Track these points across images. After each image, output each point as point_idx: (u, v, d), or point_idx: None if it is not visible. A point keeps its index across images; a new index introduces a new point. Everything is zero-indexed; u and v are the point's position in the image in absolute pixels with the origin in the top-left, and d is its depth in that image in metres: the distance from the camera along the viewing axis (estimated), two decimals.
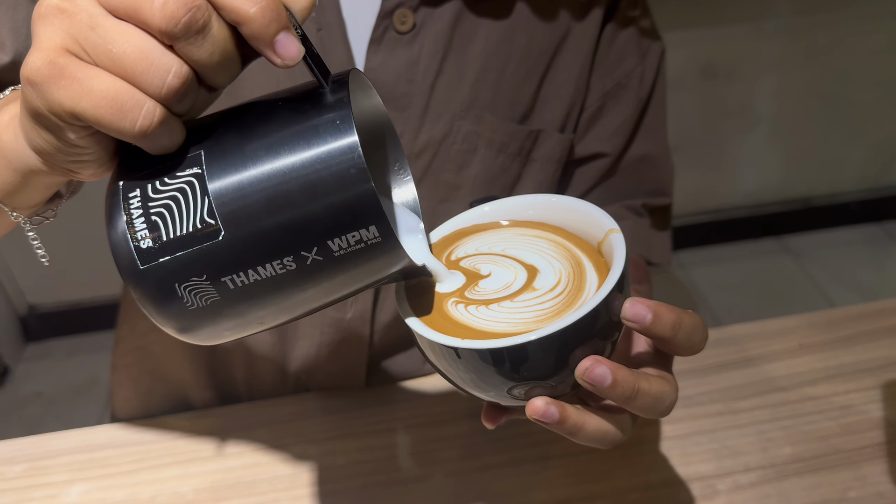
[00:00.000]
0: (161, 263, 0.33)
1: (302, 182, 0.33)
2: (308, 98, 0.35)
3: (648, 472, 0.65)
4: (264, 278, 0.34)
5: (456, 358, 0.38)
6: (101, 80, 0.32)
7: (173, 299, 0.34)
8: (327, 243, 0.34)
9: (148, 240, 0.33)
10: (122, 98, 0.31)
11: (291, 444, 0.69)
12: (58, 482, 0.67)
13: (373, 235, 0.34)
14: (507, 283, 0.42)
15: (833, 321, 0.79)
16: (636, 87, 0.73)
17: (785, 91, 2.02)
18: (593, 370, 0.38)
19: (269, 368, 0.74)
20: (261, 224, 0.33)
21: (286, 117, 0.34)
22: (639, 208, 0.77)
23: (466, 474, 0.66)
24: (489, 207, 0.47)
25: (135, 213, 0.34)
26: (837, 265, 2.16)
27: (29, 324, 2.07)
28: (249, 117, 0.35)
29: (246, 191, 0.33)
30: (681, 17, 1.84)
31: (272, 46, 0.32)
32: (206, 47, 0.32)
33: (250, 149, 0.33)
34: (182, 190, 0.33)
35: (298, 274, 0.34)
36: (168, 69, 0.32)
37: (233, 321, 0.36)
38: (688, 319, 0.42)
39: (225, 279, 0.34)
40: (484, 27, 0.65)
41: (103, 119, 0.32)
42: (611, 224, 0.43)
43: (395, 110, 0.65)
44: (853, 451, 0.66)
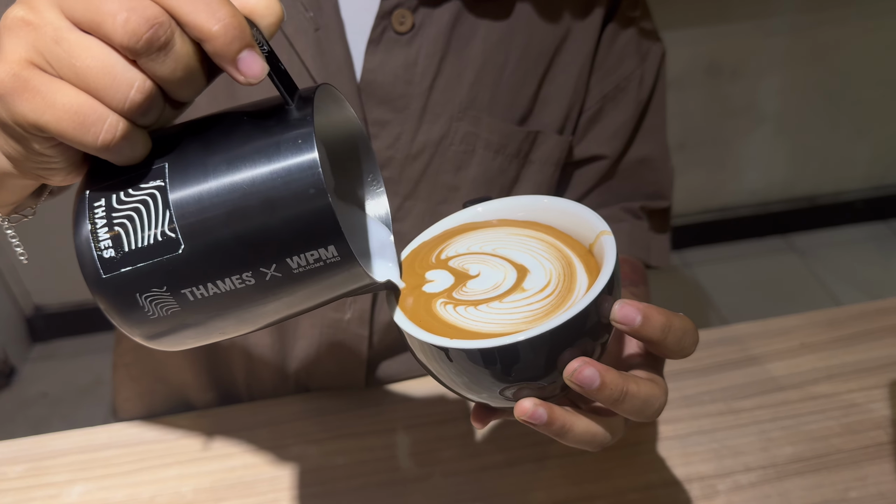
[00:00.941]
0: (123, 273, 0.34)
1: (261, 199, 0.33)
2: (273, 114, 0.35)
3: (648, 471, 0.65)
4: (223, 292, 0.34)
5: (446, 359, 0.38)
6: (65, 93, 0.32)
7: (135, 308, 0.35)
8: (286, 261, 0.34)
9: (110, 250, 0.34)
10: (85, 112, 0.32)
11: (291, 444, 0.69)
12: (59, 482, 0.67)
13: (332, 255, 0.34)
14: (496, 283, 0.42)
15: (835, 320, 0.78)
16: (636, 90, 0.72)
17: (790, 89, 2.02)
18: (581, 372, 0.38)
19: (269, 369, 0.74)
20: (220, 239, 0.33)
21: (249, 133, 0.34)
22: (637, 211, 0.76)
23: (466, 474, 0.65)
24: (482, 208, 0.47)
25: (99, 223, 0.34)
26: (843, 263, 2.15)
27: (35, 324, 2.08)
28: (215, 131, 0.35)
29: (206, 205, 0.33)
30: (685, 15, 1.83)
31: (235, 64, 0.32)
32: (169, 63, 0.32)
33: (212, 163, 0.34)
34: (144, 202, 0.34)
35: (257, 289, 0.35)
36: (131, 84, 0.32)
37: (194, 330, 0.37)
38: (678, 322, 0.42)
39: (185, 291, 0.34)
40: (483, 28, 0.65)
41: (66, 132, 0.32)
42: (602, 226, 0.42)
43: (392, 111, 0.65)
44: (855, 450, 0.66)
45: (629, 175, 0.76)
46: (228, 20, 0.32)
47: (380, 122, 0.65)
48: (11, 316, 2.02)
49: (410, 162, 0.66)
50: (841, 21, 1.92)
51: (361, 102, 0.64)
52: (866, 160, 2.21)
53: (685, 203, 2.19)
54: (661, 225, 0.79)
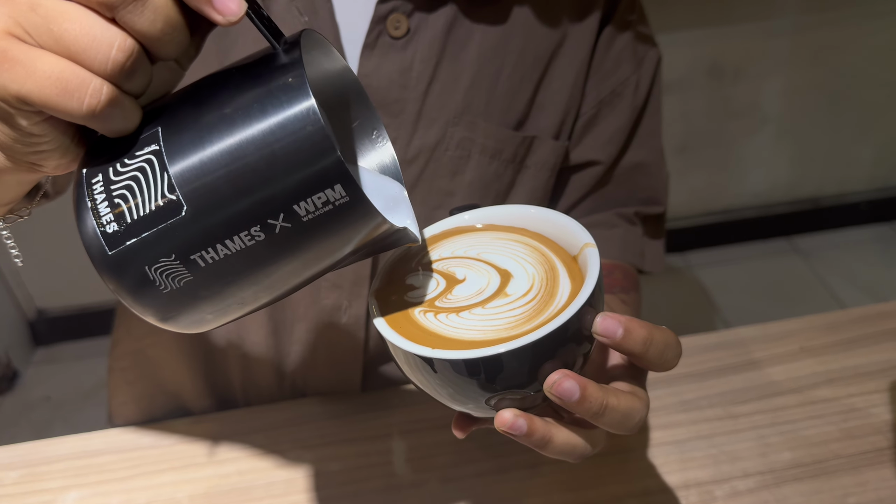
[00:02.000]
0: (129, 247, 0.33)
1: (259, 147, 0.32)
2: (261, 62, 0.34)
3: (645, 477, 0.65)
4: (234, 252, 0.33)
5: (430, 369, 0.38)
6: (45, 60, 0.31)
7: (146, 284, 0.33)
8: (293, 208, 0.32)
9: (113, 224, 0.33)
10: (67, 77, 0.31)
11: (287, 449, 0.69)
12: (54, 488, 0.67)
13: (339, 195, 0.32)
14: (479, 288, 0.42)
15: (835, 324, 0.78)
16: (631, 95, 0.72)
17: (793, 90, 2.01)
18: (561, 384, 0.38)
19: (265, 373, 0.74)
20: (222, 195, 0.32)
21: (239, 84, 0.34)
22: (631, 216, 0.76)
23: (461, 480, 0.65)
24: (468, 215, 0.47)
25: (98, 199, 0.33)
26: (847, 265, 2.14)
27: (38, 328, 2.08)
28: (205, 89, 0.34)
29: (204, 162, 0.32)
30: (687, 16, 1.83)
31: (210, 3, 0.32)
32: (147, 14, 0.31)
33: (206, 120, 0.33)
34: (142, 169, 0.33)
35: (269, 244, 0.33)
36: (111, 43, 0.31)
37: (211, 303, 0.35)
38: (659, 336, 0.41)
39: (194, 257, 0.33)
40: (478, 33, 0.65)
41: (50, 100, 0.31)
42: (587, 238, 0.42)
43: (388, 116, 0.65)
44: (854, 456, 0.65)
45: (624, 180, 0.75)
46: None
47: None
48: (14, 320, 2.03)
49: (406, 167, 0.66)
50: (844, 22, 1.91)
51: None
52: (870, 162, 2.20)
53: (688, 205, 2.19)
54: (655, 231, 0.78)
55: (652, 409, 0.70)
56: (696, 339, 0.78)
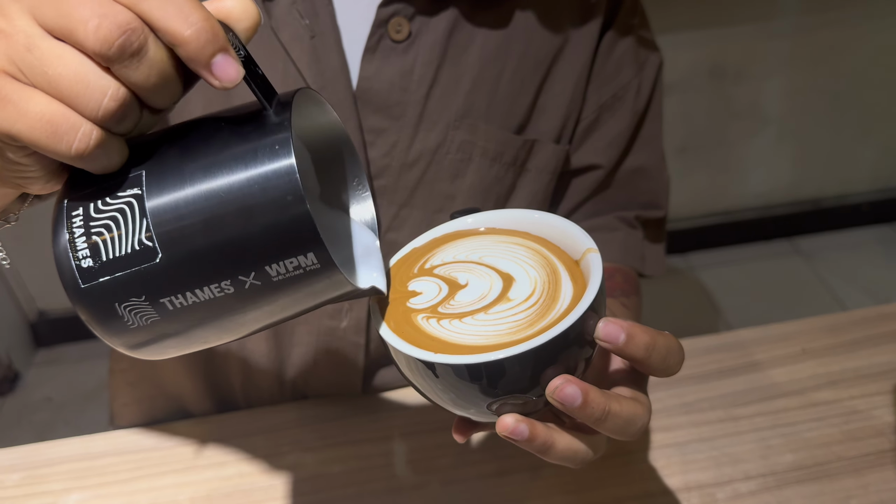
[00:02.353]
0: (101, 283, 0.34)
1: (238, 206, 0.33)
2: (251, 120, 0.34)
3: (646, 480, 0.65)
4: (203, 301, 0.34)
5: (432, 374, 0.38)
6: (37, 102, 0.31)
7: (114, 318, 0.34)
8: (265, 269, 0.33)
9: (88, 259, 0.33)
10: (58, 121, 0.31)
11: (288, 452, 0.69)
12: (56, 490, 0.67)
13: (311, 262, 0.33)
14: (482, 293, 0.42)
15: (836, 325, 0.78)
16: (632, 100, 0.72)
17: (794, 91, 2.01)
18: (563, 389, 0.38)
19: (266, 376, 0.74)
20: (197, 247, 0.33)
21: (226, 139, 0.34)
22: (632, 220, 0.76)
23: (462, 482, 0.65)
24: (471, 219, 0.47)
25: (77, 233, 0.34)
26: (849, 267, 2.14)
27: (39, 329, 2.08)
28: (192, 137, 0.35)
29: (182, 213, 0.33)
30: (688, 17, 1.83)
31: (209, 69, 0.32)
32: (143, 70, 0.31)
33: (189, 170, 0.33)
34: (122, 210, 0.33)
35: (237, 297, 0.34)
36: (104, 92, 0.31)
37: (175, 339, 0.36)
38: (662, 341, 0.41)
39: (164, 300, 0.34)
40: (480, 36, 0.65)
41: (39, 141, 0.31)
42: (589, 243, 0.42)
43: (389, 119, 0.64)
44: (856, 458, 0.65)
45: (624, 184, 0.75)
46: (201, 24, 0.31)
47: (376, 129, 0.65)
48: (15, 321, 2.03)
49: (407, 170, 0.66)
50: (844, 23, 1.91)
51: (357, 110, 0.64)
52: (872, 162, 2.20)
53: (689, 206, 2.18)
54: (656, 234, 0.78)
55: (653, 411, 0.70)
56: (697, 342, 0.78)
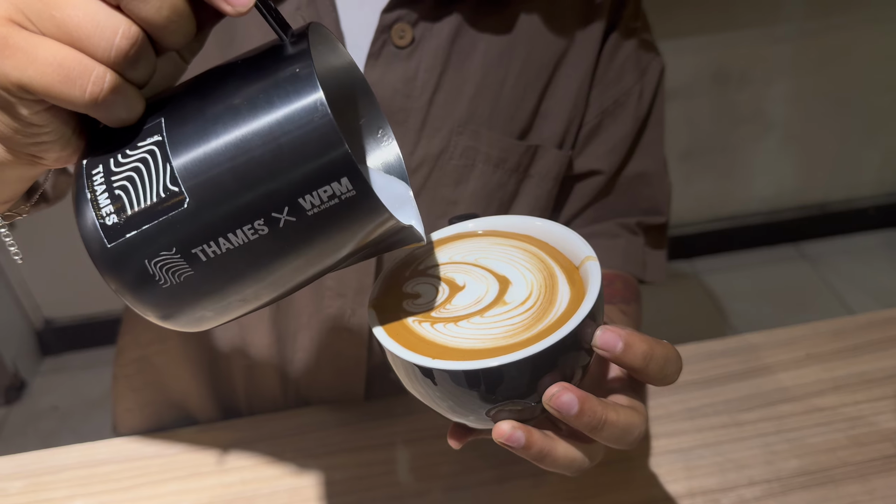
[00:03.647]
0: (128, 239, 0.32)
1: (265, 138, 0.31)
2: (268, 54, 0.33)
3: (650, 486, 0.64)
4: (237, 247, 0.32)
5: (429, 381, 0.38)
6: (47, 47, 0.30)
7: (146, 278, 0.33)
8: (298, 202, 0.32)
9: (113, 216, 0.32)
10: (69, 65, 0.30)
11: (291, 458, 0.69)
12: (59, 497, 0.67)
13: (346, 189, 0.32)
14: (478, 296, 0.42)
15: (841, 330, 0.77)
16: (634, 105, 0.72)
17: (798, 95, 2.00)
18: (560, 397, 0.38)
19: (269, 381, 0.74)
20: (226, 187, 0.31)
21: (245, 75, 0.33)
22: (633, 227, 0.76)
23: (464, 489, 0.65)
24: (469, 224, 0.47)
25: (98, 190, 0.32)
26: (855, 271, 2.13)
27: (45, 338, 2.09)
28: (210, 81, 0.34)
29: (208, 153, 0.31)
30: (692, 22, 1.83)
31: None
32: (153, 2, 0.30)
33: (210, 111, 0.32)
34: (144, 160, 0.32)
35: (273, 239, 0.32)
36: (115, 30, 0.30)
37: (212, 300, 0.34)
38: (660, 350, 0.41)
39: (196, 251, 0.32)
40: (483, 42, 0.65)
41: (51, 88, 0.31)
42: (588, 251, 0.42)
43: (392, 124, 0.64)
44: (861, 463, 0.65)
45: (626, 190, 0.75)
46: None
47: None
48: (22, 329, 2.04)
49: (410, 176, 0.66)
50: (848, 27, 1.90)
51: None
52: (877, 166, 2.19)
53: (694, 211, 2.18)
54: (657, 241, 0.78)
55: (657, 416, 0.70)
56: (701, 346, 0.77)
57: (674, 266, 2.22)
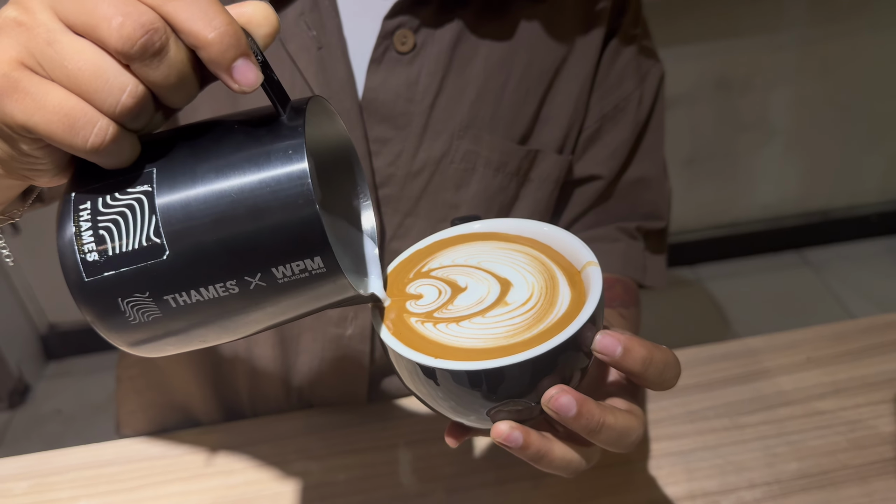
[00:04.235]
0: (105, 277, 0.34)
1: (249, 207, 0.33)
2: (264, 123, 0.35)
3: (650, 487, 0.65)
4: (207, 299, 0.34)
5: (433, 378, 0.39)
6: (55, 95, 0.32)
7: (116, 313, 0.34)
8: (271, 270, 0.34)
9: (94, 253, 0.34)
10: (75, 115, 0.31)
11: (293, 460, 0.69)
12: (64, 498, 0.68)
13: (317, 266, 0.34)
14: (480, 297, 0.42)
15: (842, 334, 0.78)
16: (634, 111, 0.72)
17: (801, 102, 2.01)
18: (558, 399, 0.38)
19: (272, 383, 0.75)
20: (206, 246, 0.33)
21: (240, 141, 0.34)
22: (633, 231, 0.76)
23: (466, 491, 0.65)
24: (470, 227, 0.48)
25: (83, 226, 0.34)
26: (858, 278, 2.13)
27: (49, 342, 2.10)
28: (205, 138, 0.35)
29: (193, 212, 0.33)
30: (694, 29, 1.83)
31: (230, 72, 0.33)
32: (163, 69, 0.32)
33: (201, 170, 0.34)
34: (131, 206, 0.34)
35: (241, 298, 0.34)
36: (123, 88, 0.32)
37: (174, 338, 0.36)
38: (659, 356, 0.42)
39: (167, 297, 0.34)
40: (484, 48, 0.65)
41: (55, 134, 0.32)
42: (589, 256, 0.43)
43: (394, 129, 0.65)
44: (861, 466, 0.65)
45: (625, 194, 0.76)
46: (224, 28, 0.32)
47: (381, 139, 0.65)
48: (26, 334, 2.04)
49: (411, 179, 0.67)
50: (851, 34, 1.91)
51: (363, 120, 0.65)
52: (880, 173, 2.19)
53: (697, 218, 2.18)
54: (657, 245, 0.78)
55: (658, 419, 0.71)
56: (703, 350, 0.78)
57: (677, 273, 2.23)
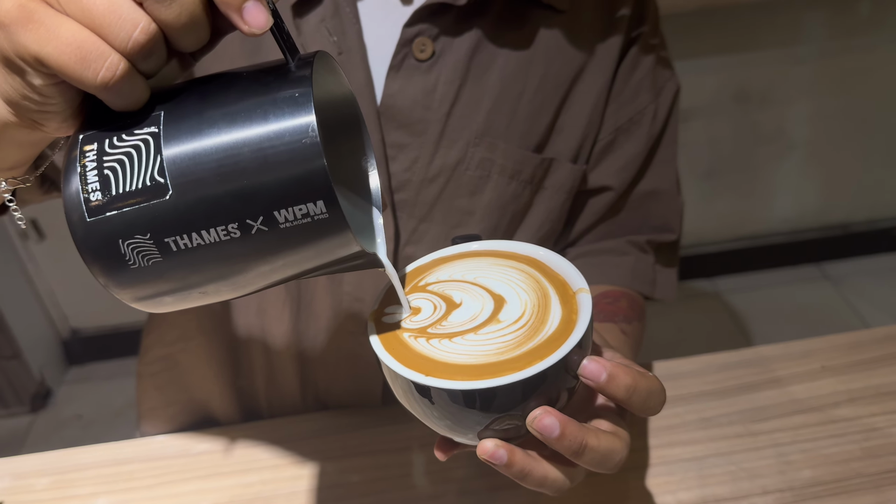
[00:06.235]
0: (108, 217, 0.34)
1: (254, 149, 0.33)
2: (272, 72, 0.36)
3: (664, 493, 0.65)
4: (207, 244, 0.34)
5: (427, 400, 0.40)
6: (68, 27, 0.32)
7: (116, 256, 0.35)
8: (273, 214, 0.34)
9: (98, 192, 0.34)
10: (87, 48, 0.32)
11: (309, 460, 0.70)
12: (83, 494, 0.69)
13: (320, 211, 0.34)
14: (473, 313, 0.44)
15: (856, 343, 0.77)
16: (649, 124, 0.73)
17: (819, 115, 2.00)
18: (542, 420, 0.40)
19: (289, 384, 0.76)
20: (209, 187, 0.33)
21: (247, 87, 0.35)
22: (644, 245, 0.77)
23: (478, 493, 0.66)
24: (476, 245, 0.50)
25: (88, 166, 0.34)
26: (878, 292, 2.11)
27: (71, 347, 2.13)
28: (213, 85, 0.36)
29: (198, 153, 0.34)
30: (714, 42, 1.83)
31: (240, 13, 0.33)
32: (175, 8, 0.33)
33: (208, 114, 0.34)
34: (137, 147, 0.34)
35: (242, 244, 0.34)
36: (135, 24, 0.32)
37: (173, 287, 0.36)
38: (644, 384, 0.43)
39: (168, 240, 0.34)
40: (501, 57, 0.66)
41: (66, 66, 0.32)
42: (581, 283, 0.44)
43: (410, 135, 0.66)
44: (875, 475, 0.65)
45: (637, 206, 0.76)
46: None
47: (398, 145, 0.66)
48: (48, 339, 2.07)
49: (426, 185, 0.68)
50: (870, 47, 1.90)
51: (380, 125, 0.66)
52: None
53: (716, 231, 2.18)
54: (668, 259, 0.79)
55: (671, 425, 0.71)
56: (717, 357, 0.78)
57: (695, 285, 2.22)
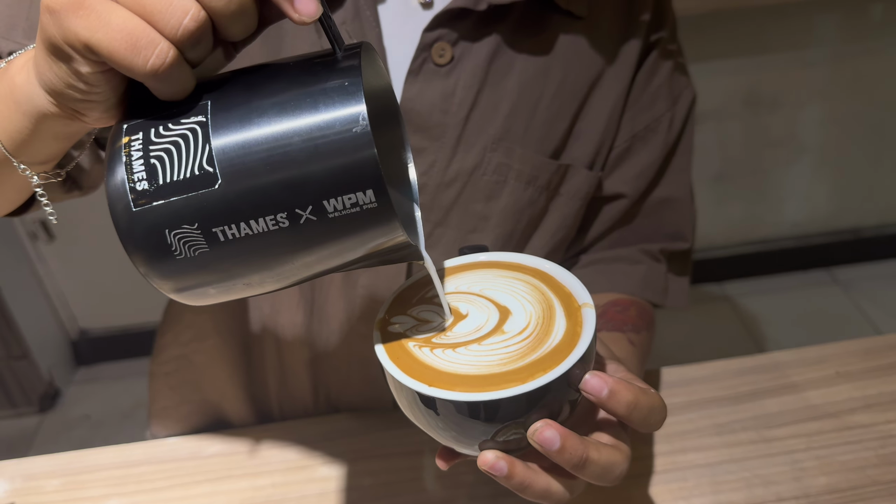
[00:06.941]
0: (154, 207, 0.34)
1: (304, 139, 0.33)
2: (320, 62, 0.35)
3: (677, 499, 0.64)
4: (255, 234, 0.34)
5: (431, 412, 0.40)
6: (119, 14, 0.33)
7: (162, 246, 0.34)
8: (323, 203, 0.34)
9: (144, 182, 0.34)
10: (138, 35, 0.32)
11: (320, 463, 0.70)
12: (94, 496, 0.69)
13: (369, 200, 0.34)
14: (478, 325, 0.44)
15: (871, 349, 0.77)
16: (665, 132, 0.73)
17: (830, 119, 1.99)
18: (543, 432, 0.40)
19: (301, 386, 0.76)
20: (258, 177, 0.33)
21: (295, 77, 0.35)
22: (656, 253, 0.76)
23: (490, 499, 0.65)
24: (484, 257, 0.49)
25: (135, 156, 0.34)
26: (889, 297, 2.10)
27: (80, 348, 2.13)
28: (257, 76, 0.36)
29: (248, 142, 0.33)
30: (724, 45, 1.83)
31: (291, 1, 0.34)
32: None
33: (256, 103, 0.34)
34: (184, 136, 0.34)
35: (290, 233, 0.34)
36: (185, 12, 0.32)
37: (218, 278, 0.36)
38: (645, 401, 0.43)
39: (216, 230, 0.34)
40: (520, 62, 0.66)
41: (116, 53, 0.32)
42: (586, 298, 0.44)
43: (428, 139, 0.66)
44: (892, 483, 0.64)
45: (650, 214, 0.76)
46: None
47: (415, 149, 0.66)
48: (57, 339, 2.08)
49: (443, 189, 0.67)
50: (881, 51, 1.89)
51: None
52: None
53: (726, 235, 2.17)
54: (680, 267, 0.78)
55: (685, 431, 0.70)
56: (731, 363, 0.77)
57: (705, 289, 2.21)
